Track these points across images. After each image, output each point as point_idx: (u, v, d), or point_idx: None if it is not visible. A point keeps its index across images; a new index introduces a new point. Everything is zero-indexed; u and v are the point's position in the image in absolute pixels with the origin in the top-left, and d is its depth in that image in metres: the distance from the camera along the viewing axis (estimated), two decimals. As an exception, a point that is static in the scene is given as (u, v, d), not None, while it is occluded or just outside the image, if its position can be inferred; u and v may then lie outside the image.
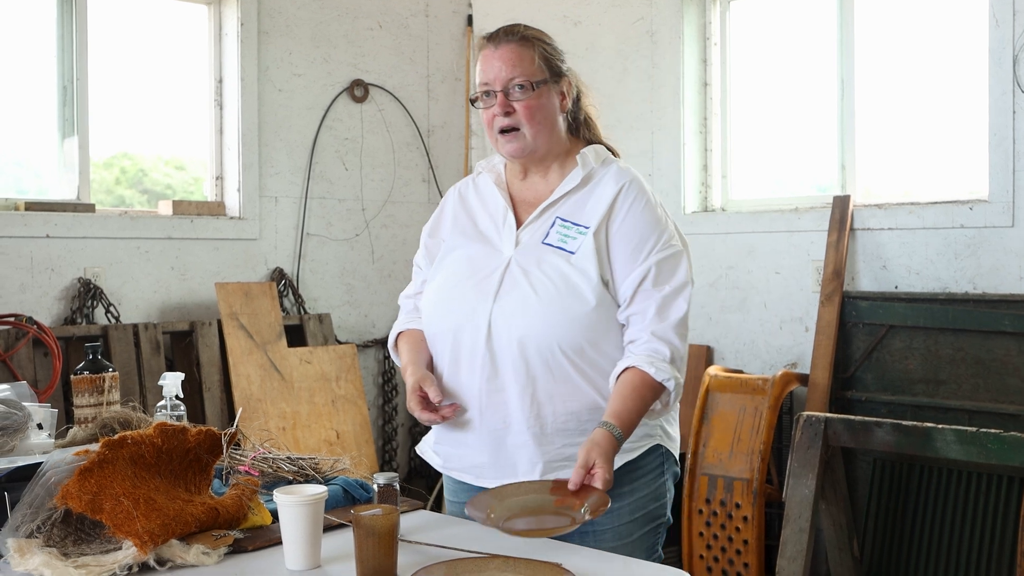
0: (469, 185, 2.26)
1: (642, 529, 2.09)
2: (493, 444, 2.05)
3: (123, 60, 4.41)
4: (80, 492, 1.68)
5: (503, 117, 2.07)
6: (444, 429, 2.13)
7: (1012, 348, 3.56)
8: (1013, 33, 3.59)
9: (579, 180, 2.10)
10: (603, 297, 2.01)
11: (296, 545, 1.70)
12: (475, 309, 2.04)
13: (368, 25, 5.05)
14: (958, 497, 3.59)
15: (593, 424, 1.98)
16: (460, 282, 2.09)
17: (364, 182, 5.04)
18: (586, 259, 2.01)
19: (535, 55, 2.08)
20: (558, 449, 2.02)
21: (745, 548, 3.81)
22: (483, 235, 2.14)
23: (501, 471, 2.05)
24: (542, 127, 2.08)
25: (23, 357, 3.81)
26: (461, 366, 2.06)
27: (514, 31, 2.10)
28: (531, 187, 2.16)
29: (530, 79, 2.06)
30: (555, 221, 2.07)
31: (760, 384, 3.90)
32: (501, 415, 2.03)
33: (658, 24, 4.60)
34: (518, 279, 2.03)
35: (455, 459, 2.14)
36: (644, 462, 2.09)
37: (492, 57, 2.08)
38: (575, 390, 2.01)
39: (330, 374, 4.60)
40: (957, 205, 3.76)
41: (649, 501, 2.10)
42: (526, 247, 2.07)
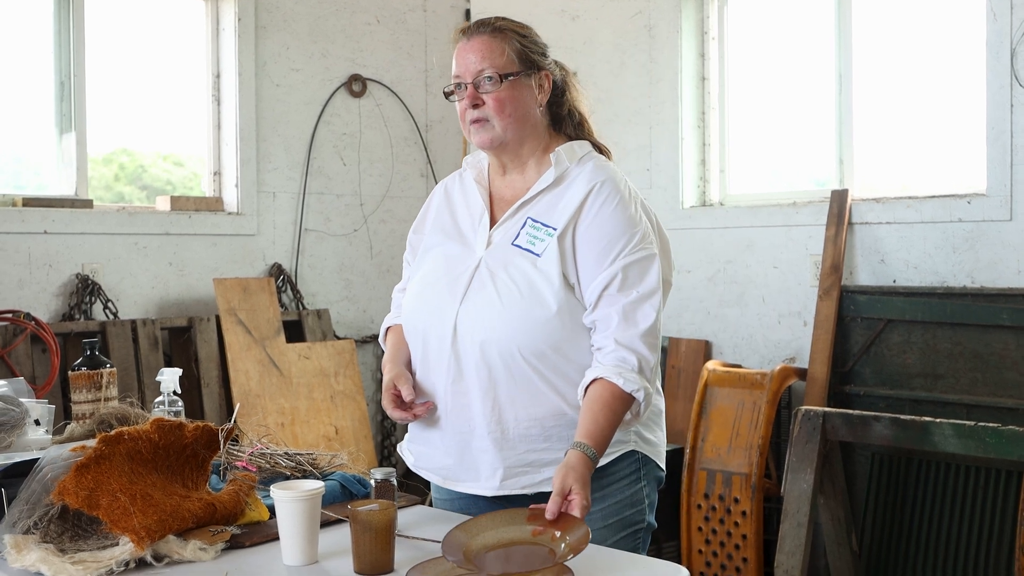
0: (456, 181, 2.24)
1: (616, 535, 2.03)
2: (459, 447, 2.03)
3: (121, 55, 4.40)
4: (77, 488, 1.68)
5: (472, 109, 2.04)
6: (417, 428, 2.12)
7: (1010, 342, 3.56)
8: (1011, 26, 3.59)
9: (552, 180, 2.05)
10: (566, 302, 1.95)
11: (293, 541, 1.70)
12: (443, 310, 2.02)
13: (366, 20, 5.04)
14: (956, 491, 3.59)
15: (557, 430, 1.96)
16: (434, 281, 2.07)
17: (362, 177, 5.04)
18: (550, 262, 1.96)
19: (507, 47, 2.03)
20: (520, 455, 1.98)
21: (744, 543, 3.81)
22: (461, 233, 2.12)
23: (465, 474, 2.04)
24: (512, 119, 2.03)
25: (21, 353, 3.81)
26: (430, 366, 2.05)
27: (487, 23, 2.06)
28: (510, 184, 2.12)
29: (500, 71, 2.02)
30: (526, 221, 2.03)
31: (758, 379, 3.90)
32: (465, 418, 2.00)
33: (656, 18, 4.59)
34: (485, 281, 2.00)
35: (424, 458, 2.12)
36: (616, 468, 2.03)
37: (464, 50, 2.05)
38: (538, 395, 1.97)
39: (328, 370, 4.60)
40: (955, 199, 3.76)
41: (624, 507, 2.05)
42: (497, 247, 2.03)
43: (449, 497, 2.15)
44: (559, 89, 2.12)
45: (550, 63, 2.11)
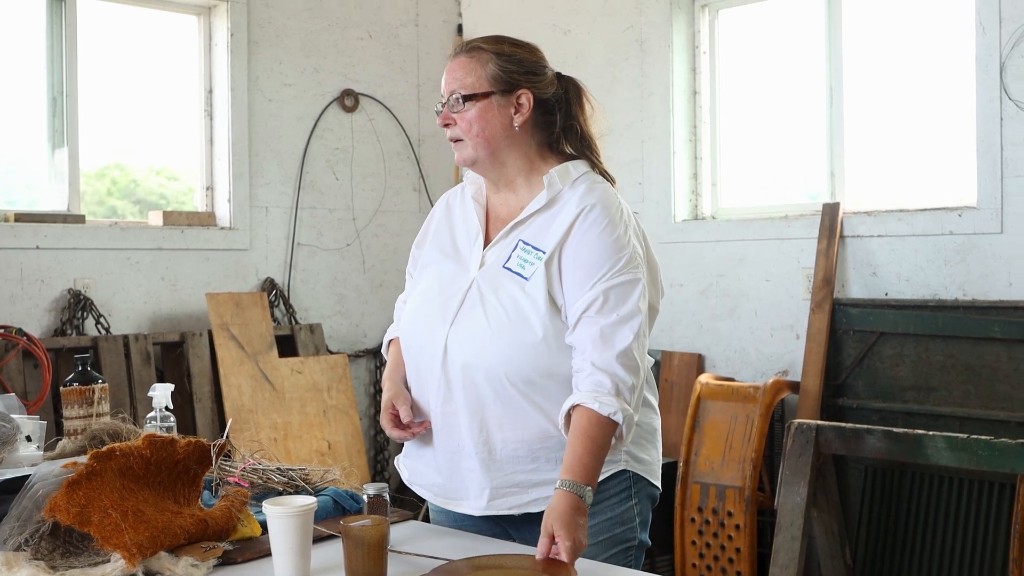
0: (457, 195, 2.23)
1: (606, 552, 2.02)
2: (449, 465, 2.04)
3: (114, 71, 4.40)
4: (68, 504, 1.68)
5: (445, 128, 2.06)
6: (412, 444, 2.14)
7: (1002, 354, 3.57)
8: (1000, 40, 3.61)
9: (544, 203, 2.03)
10: (552, 327, 1.94)
11: (285, 556, 1.70)
12: (435, 330, 2.02)
13: (358, 35, 5.05)
14: (949, 504, 3.59)
15: (548, 452, 1.96)
16: (430, 300, 2.07)
17: (355, 192, 5.04)
18: (537, 287, 1.95)
19: (479, 68, 2.02)
20: (507, 475, 1.98)
21: (737, 556, 3.81)
22: (457, 251, 2.11)
23: (455, 493, 2.05)
24: (480, 139, 2.02)
25: (12, 369, 3.80)
26: (424, 384, 2.06)
27: (468, 44, 2.06)
28: (504, 202, 2.11)
29: (468, 91, 2.01)
30: (518, 244, 2.02)
31: (751, 392, 3.91)
32: (455, 438, 2.01)
33: (647, 33, 4.61)
34: (475, 304, 1.99)
35: (418, 475, 2.14)
36: (607, 486, 2.01)
37: (446, 71, 2.06)
38: (525, 418, 1.95)
39: (321, 384, 4.59)
40: (946, 212, 3.78)
41: (614, 525, 2.03)
42: (489, 269, 2.03)
43: (445, 509, 2.15)
44: (548, 107, 2.09)
45: (540, 80, 2.08)
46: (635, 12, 4.65)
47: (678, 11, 4.55)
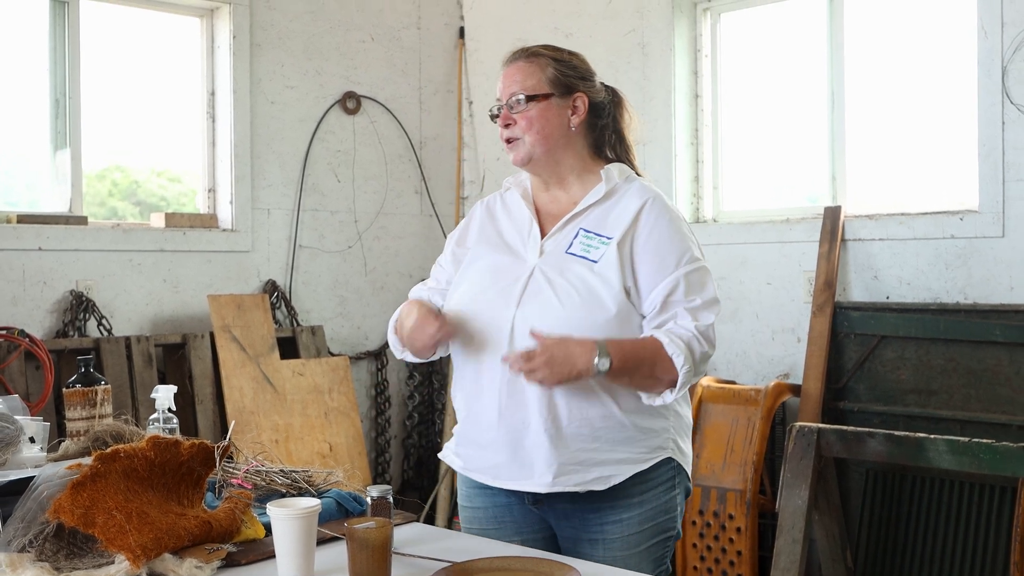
0: (497, 199, 2.34)
1: (650, 540, 2.13)
2: (512, 444, 2.09)
3: (116, 72, 4.41)
4: (72, 506, 1.68)
5: (505, 129, 2.18)
6: (465, 431, 2.20)
7: (1003, 358, 3.58)
8: (1002, 44, 3.62)
9: (602, 194, 2.16)
10: (624, 306, 2.06)
11: (289, 558, 1.70)
12: (499, 313, 2.10)
13: (360, 38, 5.06)
14: (951, 507, 3.59)
15: (607, 433, 2.06)
16: (485, 288, 2.16)
17: (356, 194, 5.05)
18: (609, 268, 2.07)
19: (540, 72, 2.16)
20: (572, 452, 2.06)
21: (739, 559, 3.81)
22: (508, 245, 2.22)
23: (518, 471, 2.10)
24: (540, 136, 2.15)
25: (15, 370, 3.80)
26: (483, 367, 2.12)
27: (525, 50, 2.20)
28: (554, 200, 2.24)
29: (530, 93, 2.14)
30: (579, 232, 2.14)
31: (752, 395, 3.91)
32: (521, 416, 2.08)
33: (649, 36, 4.61)
34: (542, 286, 2.09)
35: (474, 460, 2.19)
36: (655, 474, 2.13)
37: (504, 75, 2.19)
38: (591, 396, 2.05)
39: (323, 386, 4.59)
40: (947, 216, 3.78)
41: (659, 513, 2.14)
42: (550, 256, 2.14)
43: (484, 505, 2.22)
44: (600, 111, 2.23)
45: (592, 86, 2.22)
46: (637, 16, 4.66)
47: (680, 14, 4.56)
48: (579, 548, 2.15)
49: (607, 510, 2.11)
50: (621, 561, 2.07)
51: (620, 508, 2.11)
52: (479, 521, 2.24)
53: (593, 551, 2.12)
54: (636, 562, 2.10)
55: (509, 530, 2.20)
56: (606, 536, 2.11)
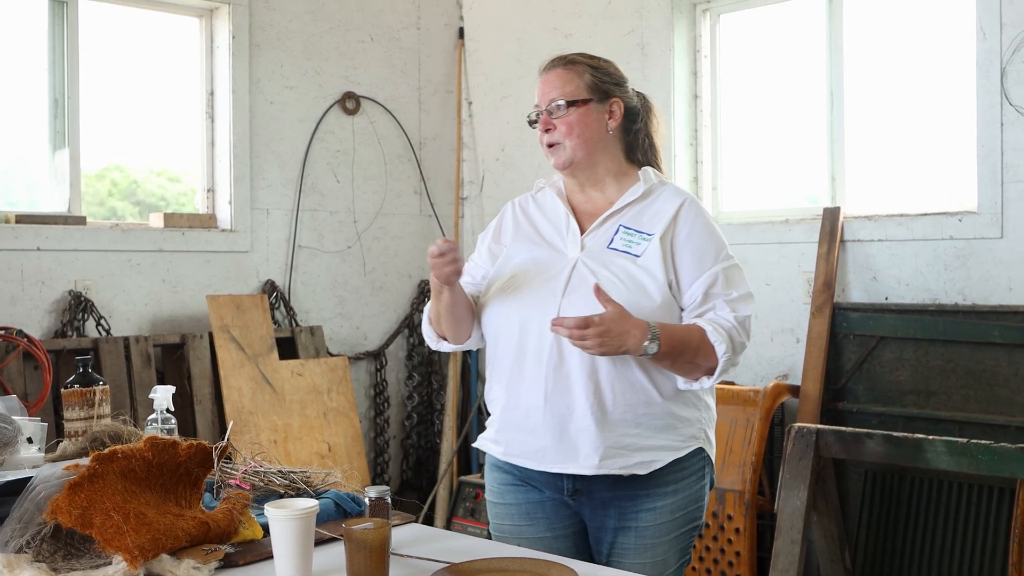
0: (528, 200, 2.43)
1: (680, 529, 2.23)
2: (557, 429, 2.16)
3: (115, 72, 4.41)
4: (70, 507, 1.68)
5: (545, 133, 2.26)
6: (506, 418, 2.25)
7: (1002, 359, 3.58)
8: (1000, 45, 3.62)
9: (640, 193, 2.27)
10: (667, 297, 2.17)
11: (287, 559, 1.70)
12: (544, 303, 2.18)
13: (360, 38, 5.06)
14: (949, 508, 3.59)
15: (649, 419, 2.16)
16: (528, 280, 2.24)
17: (356, 194, 5.05)
18: (652, 261, 2.18)
19: (578, 78, 2.26)
20: (617, 437, 2.15)
21: (737, 560, 3.81)
22: (546, 241, 2.31)
23: (563, 455, 2.17)
24: (580, 140, 2.24)
25: (13, 371, 3.80)
26: (528, 354, 2.20)
27: (563, 57, 2.29)
28: (590, 200, 2.33)
29: (568, 98, 2.24)
30: (619, 228, 2.25)
31: (751, 395, 3.91)
32: (566, 401, 2.15)
33: (648, 37, 4.61)
34: (586, 277, 2.18)
35: (516, 445, 2.24)
36: (688, 463, 2.23)
37: (543, 82, 2.29)
38: (635, 382, 2.15)
39: (322, 386, 4.59)
40: (946, 217, 3.78)
41: (689, 502, 2.24)
42: (591, 251, 2.23)
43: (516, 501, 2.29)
44: (633, 116, 2.34)
45: (626, 92, 2.33)
46: (636, 16, 4.66)
47: (679, 15, 4.56)
48: (610, 537, 2.23)
49: (643, 497, 2.20)
50: (651, 549, 2.19)
51: (655, 496, 2.20)
52: (511, 517, 2.31)
53: (625, 538, 2.21)
54: (664, 550, 2.21)
55: (541, 525, 2.27)
56: (640, 523, 2.20)
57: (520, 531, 2.28)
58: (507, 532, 2.31)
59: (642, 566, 2.19)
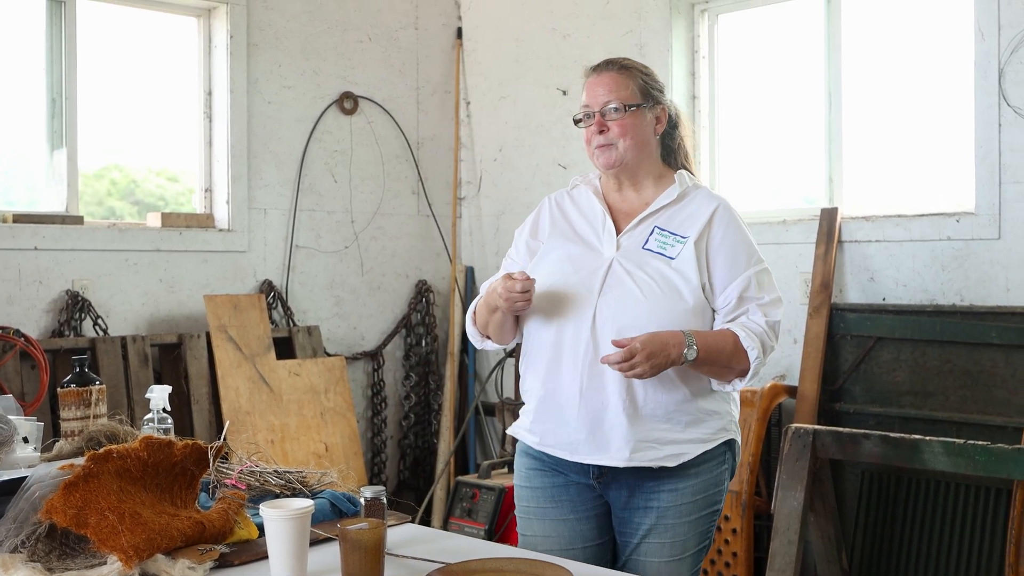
0: (564, 196, 2.50)
1: (700, 512, 2.31)
2: (591, 423, 2.25)
3: (113, 72, 4.40)
4: (65, 506, 1.68)
5: (599, 135, 2.34)
6: (542, 410, 2.33)
7: (999, 360, 3.58)
8: (998, 46, 3.62)
9: (676, 196, 2.36)
10: (700, 300, 2.26)
11: (282, 559, 1.70)
12: (581, 300, 2.26)
13: (358, 38, 5.06)
14: (946, 509, 3.59)
15: (679, 415, 2.25)
16: (565, 277, 2.31)
17: (353, 194, 5.04)
18: (687, 264, 2.26)
19: (631, 83, 2.35)
20: (648, 431, 2.24)
21: (734, 560, 3.81)
22: (582, 238, 2.39)
23: (596, 448, 2.25)
24: (633, 142, 2.33)
25: (10, 370, 3.80)
26: (564, 350, 2.28)
27: (615, 62, 2.39)
28: (626, 200, 2.41)
29: (624, 102, 2.33)
30: (654, 229, 2.33)
31: (749, 396, 3.90)
32: (600, 397, 2.24)
33: (647, 37, 4.62)
34: (622, 277, 2.26)
35: (551, 435, 2.32)
36: (714, 451, 2.31)
37: (594, 84, 2.37)
38: (667, 381, 2.23)
39: (319, 386, 4.59)
40: (944, 217, 3.78)
41: (710, 486, 2.32)
42: (627, 250, 2.31)
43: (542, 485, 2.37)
44: (672, 123, 2.45)
45: (667, 100, 2.44)
46: (635, 16, 4.66)
47: (677, 15, 4.56)
48: (634, 517, 2.31)
49: (665, 478, 2.28)
50: (671, 529, 2.28)
51: (677, 478, 2.28)
52: (536, 499, 2.39)
53: (646, 518, 2.29)
54: (684, 531, 2.29)
55: (565, 508, 2.36)
56: (661, 504, 2.28)
57: (544, 512, 2.38)
58: (532, 514, 2.41)
59: (661, 546, 2.28)
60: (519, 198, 5.11)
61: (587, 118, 2.37)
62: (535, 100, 5.03)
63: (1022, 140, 3.58)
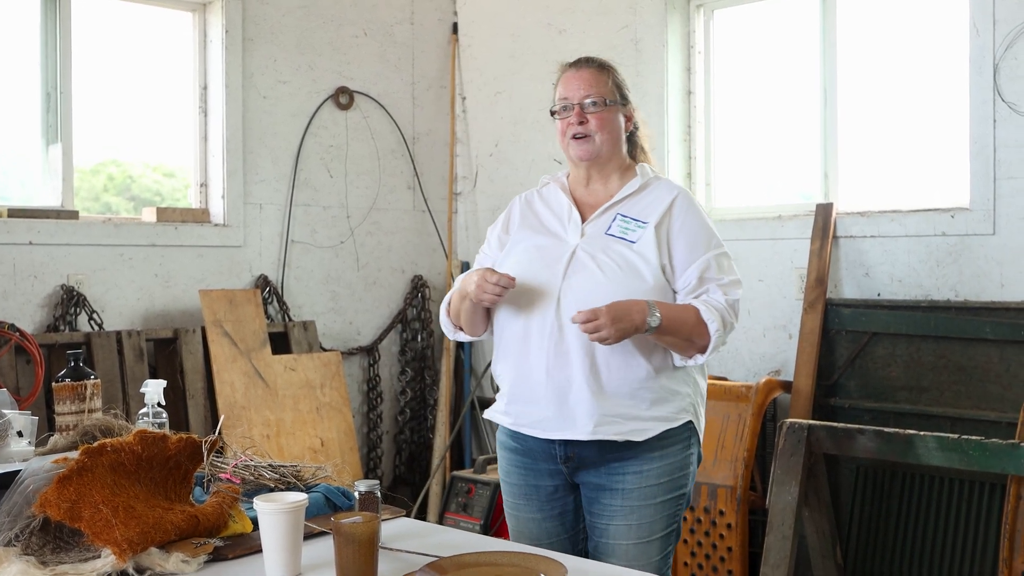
0: (534, 194, 2.63)
1: (666, 495, 2.39)
2: (558, 400, 2.35)
3: (109, 67, 4.40)
4: (59, 500, 1.68)
5: (578, 126, 2.45)
6: (515, 391, 2.44)
7: (993, 355, 3.58)
8: (993, 42, 3.62)
9: (637, 186, 2.49)
10: (660, 280, 2.36)
11: (276, 553, 1.70)
12: (547, 286, 2.37)
13: (353, 32, 5.05)
14: (940, 503, 3.60)
15: (643, 392, 2.35)
16: (531, 264, 2.42)
17: (349, 189, 5.04)
18: (647, 247, 2.37)
19: (609, 80, 2.49)
20: (612, 406, 2.33)
21: (729, 555, 3.81)
22: (549, 229, 2.51)
23: (563, 423, 2.35)
24: (608, 136, 2.47)
25: (5, 364, 3.79)
26: (532, 334, 2.38)
27: (594, 60, 2.52)
28: (593, 193, 2.53)
29: (603, 97, 2.46)
30: (616, 216, 2.45)
31: (744, 391, 3.91)
32: (566, 374, 2.34)
33: (642, 33, 4.61)
34: (585, 262, 2.38)
35: (524, 416, 2.43)
36: (676, 433, 2.40)
37: (573, 78, 2.49)
38: (630, 358, 2.33)
39: (315, 381, 4.59)
40: (939, 213, 3.79)
41: (675, 469, 2.41)
42: (591, 237, 2.43)
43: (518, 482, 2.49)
44: (635, 125, 2.60)
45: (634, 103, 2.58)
46: (630, 12, 4.65)
47: (673, 11, 4.56)
48: (601, 498, 2.40)
49: (630, 460, 2.37)
50: (637, 511, 2.36)
51: (642, 460, 2.37)
52: (513, 495, 2.52)
53: (613, 500, 2.38)
54: (650, 514, 2.37)
55: (533, 507, 2.49)
56: (626, 485, 2.37)
57: (518, 508, 2.52)
58: (511, 508, 2.55)
59: (628, 528, 2.37)
60: (515, 193, 5.03)
61: (565, 110, 2.48)
62: (531, 95, 5.03)
63: (1017, 136, 3.59)
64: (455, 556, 1.74)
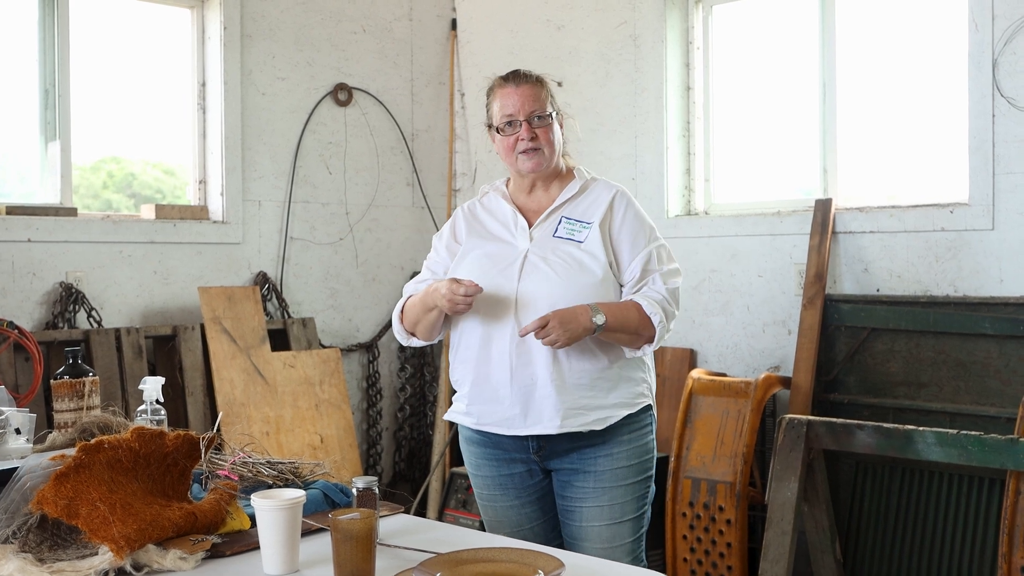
0: (476, 203, 2.74)
1: (635, 477, 2.54)
2: (524, 398, 2.47)
3: (107, 64, 4.39)
4: (56, 497, 1.68)
5: (528, 140, 2.56)
6: (475, 392, 2.54)
7: (992, 350, 3.58)
8: (992, 37, 3.62)
9: (577, 188, 2.62)
10: (607, 273, 2.50)
11: (274, 550, 1.70)
12: (502, 289, 2.49)
13: (352, 29, 5.05)
14: (939, 499, 3.60)
15: (601, 382, 2.49)
16: (484, 272, 2.52)
17: (348, 186, 5.04)
18: (594, 245, 2.52)
19: (545, 93, 2.61)
20: (575, 399, 2.47)
21: (728, 551, 3.82)
22: (497, 236, 2.62)
23: (530, 419, 2.48)
24: (554, 148, 2.60)
25: (4, 362, 3.79)
26: (492, 337, 2.50)
27: (530, 74, 2.62)
28: (535, 200, 2.65)
29: (546, 112, 2.59)
30: (561, 220, 2.58)
31: (743, 387, 3.91)
32: (529, 372, 2.46)
33: (641, 28, 4.61)
34: (538, 264, 2.50)
35: (488, 415, 2.54)
36: (639, 419, 2.56)
37: (513, 94, 2.58)
38: (588, 350, 2.46)
39: (314, 378, 4.59)
40: (938, 208, 3.78)
41: (642, 453, 2.57)
42: (539, 241, 2.56)
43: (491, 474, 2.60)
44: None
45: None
46: (629, 8, 4.65)
47: (672, 6, 4.55)
48: (575, 481, 2.53)
49: (600, 445, 2.51)
50: (608, 492, 2.50)
51: (611, 444, 2.51)
52: (487, 487, 2.63)
53: (586, 482, 2.51)
54: (621, 494, 2.52)
55: (511, 495, 2.60)
56: (598, 468, 2.51)
57: (494, 499, 2.63)
58: (486, 499, 2.65)
59: (600, 510, 2.50)
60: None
61: (510, 126, 2.57)
62: (530, 91, 5.01)
63: (1016, 131, 3.59)
64: (453, 552, 1.74)
